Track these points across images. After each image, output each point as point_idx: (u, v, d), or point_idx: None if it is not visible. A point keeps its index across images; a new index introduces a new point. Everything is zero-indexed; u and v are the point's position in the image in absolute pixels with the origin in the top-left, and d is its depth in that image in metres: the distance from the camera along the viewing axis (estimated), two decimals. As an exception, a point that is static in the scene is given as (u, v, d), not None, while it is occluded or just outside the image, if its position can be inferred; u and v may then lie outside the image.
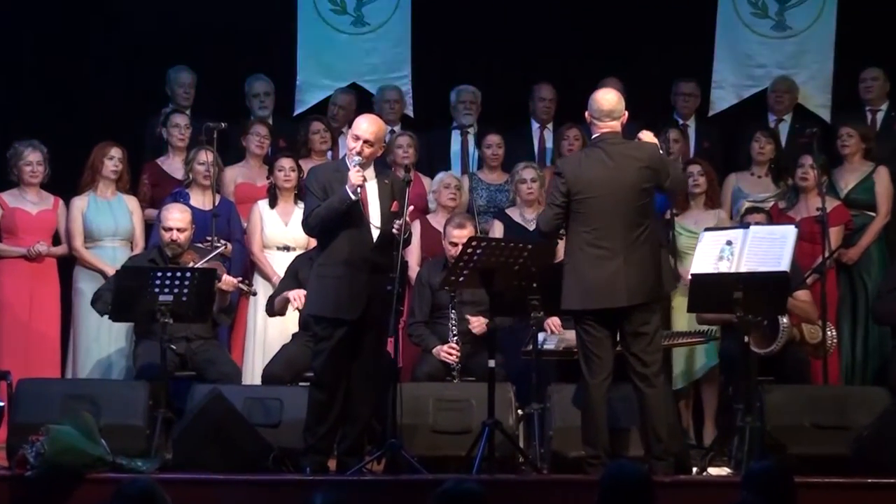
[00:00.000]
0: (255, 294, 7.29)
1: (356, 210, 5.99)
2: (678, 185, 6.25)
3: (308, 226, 6.10)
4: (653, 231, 5.96)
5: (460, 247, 6.79)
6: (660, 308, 6.08)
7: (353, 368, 6.08)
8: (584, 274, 5.86)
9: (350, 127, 6.26)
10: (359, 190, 5.96)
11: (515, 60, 8.92)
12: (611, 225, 5.86)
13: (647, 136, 6.15)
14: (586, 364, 5.92)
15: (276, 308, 7.08)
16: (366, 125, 6.11)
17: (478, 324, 6.90)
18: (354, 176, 5.98)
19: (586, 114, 6.03)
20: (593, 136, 6.05)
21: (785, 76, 8.67)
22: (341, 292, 5.97)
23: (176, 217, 6.98)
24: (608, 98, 6.01)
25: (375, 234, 6.05)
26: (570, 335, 6.52)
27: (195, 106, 8.34)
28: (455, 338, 6.85)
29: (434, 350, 6.90)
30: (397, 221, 6.00)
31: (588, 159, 5.96)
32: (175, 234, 6.96)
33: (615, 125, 5.99)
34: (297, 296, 6.80)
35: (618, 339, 6.00)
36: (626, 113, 6.04)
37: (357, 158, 6.01)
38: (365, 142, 6.03)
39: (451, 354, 6.81)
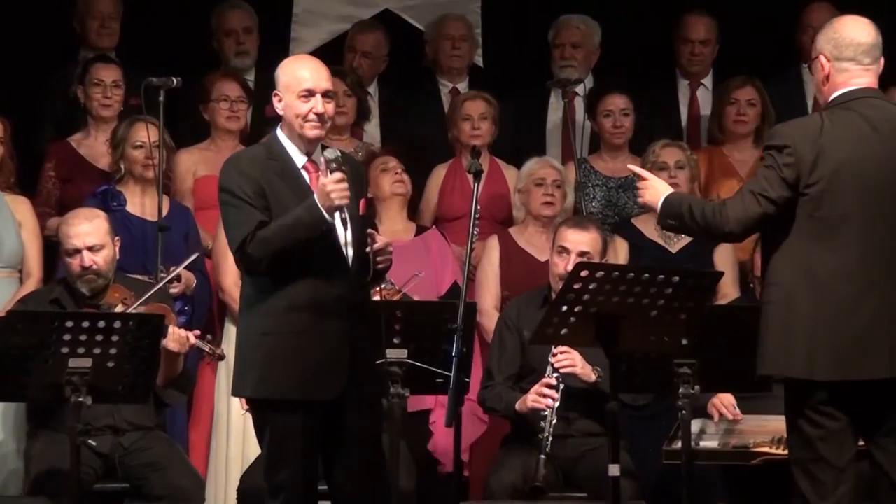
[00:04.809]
0: (223, 358, 7.12)
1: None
2: None
3: (248, 260, 5.78)
4: None
5: (574, 259, 6.76)
6: None
7: (339, 473, 5.91)
8: (818, 320, 5.62)
9: (288, 82, 5.91)
10: (342, 207, 5.75)
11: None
12: (871, 238, 5.63)
13: None
14: (807, 477, 5.68)
15: None
16: (310, 70, 5.87)
17: (573, 361, 6.76)
18: (335, 188, 5.73)
19: (820, 59, 5.71)
20: (835, 95, 5.73)
21: None
22: (307, 357, 5.83)
23: (83, 230, 6.94)
24: (864, 29, 5.74)
25: (350, 255, 5.87)
26: (749, 425, 6.64)
27: (128, 51, 8.36)
28: (555, 374, 6.81)
29: (518, 404, 6.90)
30: (378, 245, 5.80)
31: (836, 127, 5.68)
32: (87, 258, 6.89)
33: (874, 74, 5.76)
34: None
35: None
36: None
37: (312, 127, 5.81)
38: (325, 95, 5.88)
39: (544, 395, 6.76)
